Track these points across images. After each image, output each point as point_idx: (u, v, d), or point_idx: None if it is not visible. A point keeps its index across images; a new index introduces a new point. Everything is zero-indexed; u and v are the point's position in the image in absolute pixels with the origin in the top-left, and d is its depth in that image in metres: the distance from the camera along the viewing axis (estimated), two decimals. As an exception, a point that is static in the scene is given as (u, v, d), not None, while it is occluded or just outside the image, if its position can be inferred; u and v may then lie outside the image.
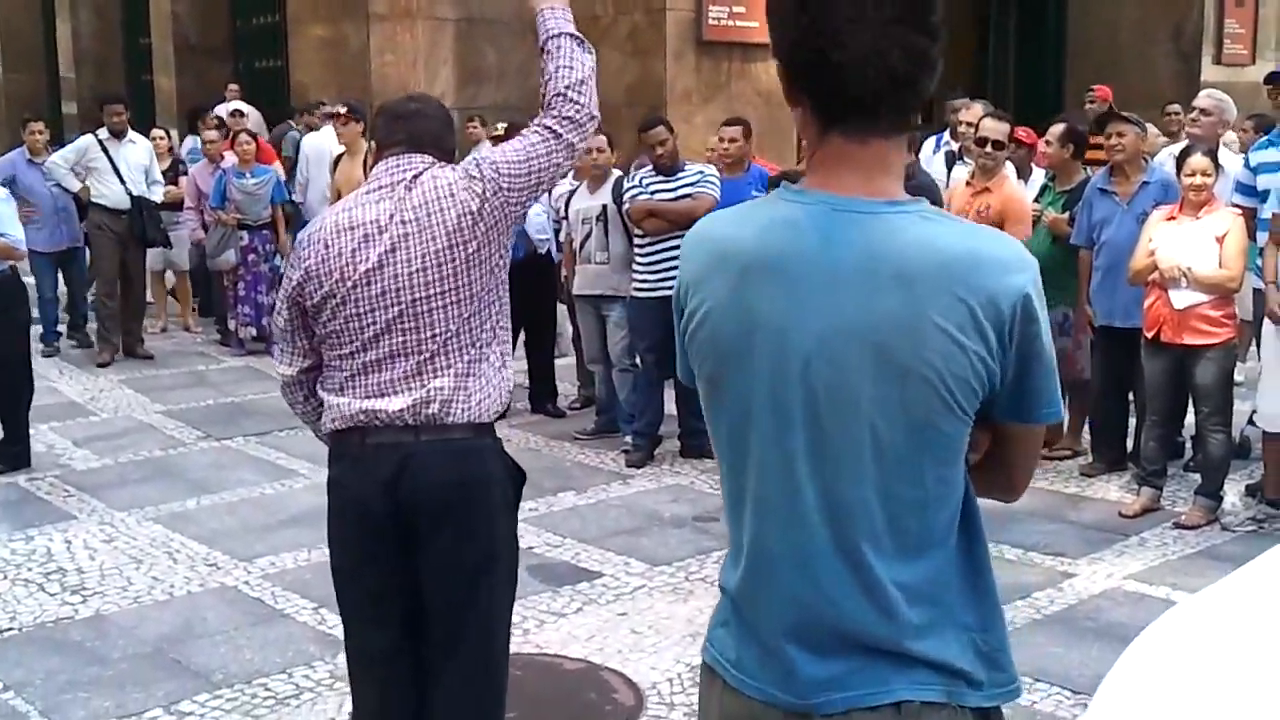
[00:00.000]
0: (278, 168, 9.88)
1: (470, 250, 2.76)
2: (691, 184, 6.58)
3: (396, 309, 2.75)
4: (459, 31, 12.83)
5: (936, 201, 5.51)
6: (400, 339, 2.76)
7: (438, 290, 2.75)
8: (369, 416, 2.77)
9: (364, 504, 2.82)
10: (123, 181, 8.98)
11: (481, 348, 2.81)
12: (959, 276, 1.50)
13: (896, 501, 1.56)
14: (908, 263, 1.52)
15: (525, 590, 4.75)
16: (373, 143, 3.07)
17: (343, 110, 8.75)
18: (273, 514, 5.82)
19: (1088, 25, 13.62)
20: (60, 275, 9.53)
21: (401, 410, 2.75)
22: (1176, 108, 9.17)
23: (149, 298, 10.09)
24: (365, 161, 8.13)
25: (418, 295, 2.75)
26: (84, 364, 9.05)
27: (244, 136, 9.62)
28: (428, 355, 2.76)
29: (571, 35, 2.86)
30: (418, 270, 2.75)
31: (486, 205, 2.77)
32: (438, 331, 2.76)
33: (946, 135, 8.80)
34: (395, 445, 2.77)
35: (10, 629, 4.54)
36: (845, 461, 1.56)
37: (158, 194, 9.31)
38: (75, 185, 9.06)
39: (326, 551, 3.00)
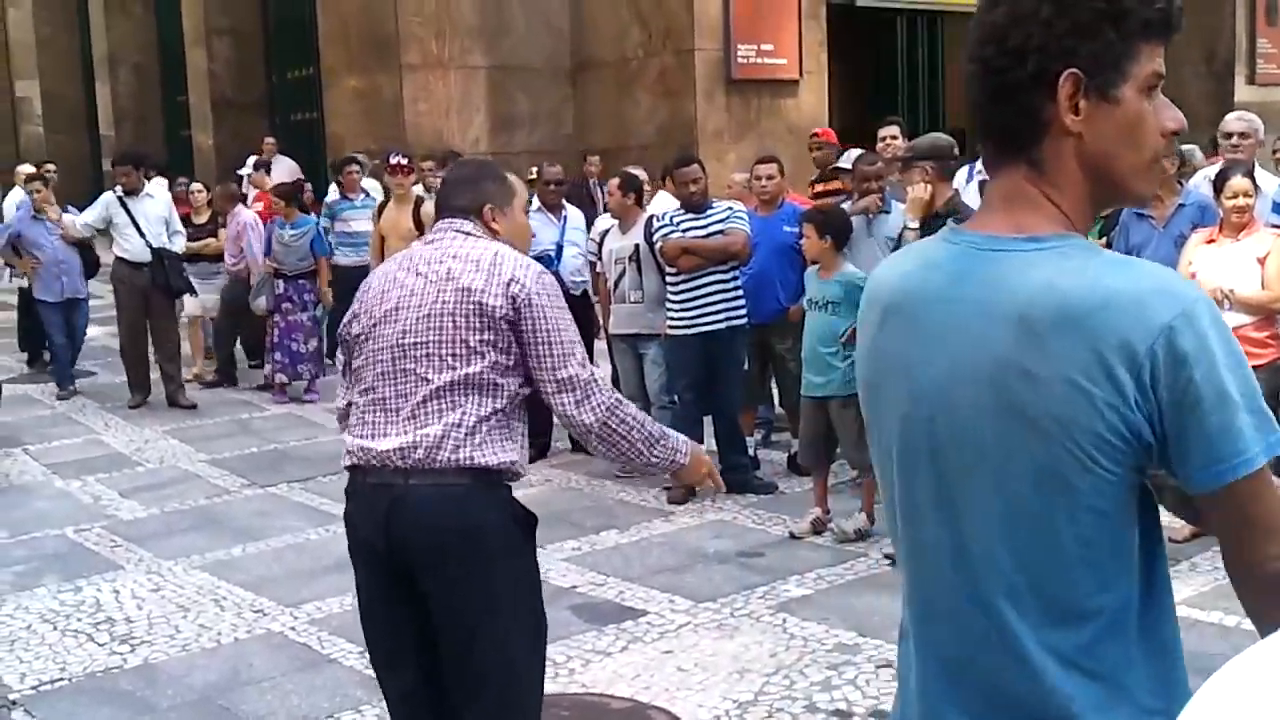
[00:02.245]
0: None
1: (476, 328, 2.81)
2: (722, 220, 6.61)
3: (399, 350, 2.85)
4: (491, 79, 13.00)
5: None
6: (399, 380, 2.85)
7: (435, 339, 2.82)
8: (365, 455, 2.85)
9: (369, 543, 2.88)
10: (142, 235, 9.22)
11: (486, 404, 2.81)
12: (1081, 317, 1.34)
13: (1033, 563, 1.41)
14: (1028, 303, 1.38)
15: (570, 630, 4.75)
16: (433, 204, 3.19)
17: (404, 161, 9.02)
18: (317, 559, 5.84)
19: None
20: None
21: (389, 451, 2.80)
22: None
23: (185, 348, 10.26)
24: (415, 212, 8.56)
25: (417, 340, 2.84)
26: (130, 416, 9.15)
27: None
28: (420, 400, 2.81)
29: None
30: (423, 317, 2.84)
31: (506, 323, 2.82)
32: (432, 379, 2.81)
33: (979, 164, 8.79)
34: (388, 486, 2.82)
35: (61, 679, 4.57)
36: (972, 512, 1.45)
37: (179, 244, 9.57)
38: (86, 234, 9.54)
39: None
